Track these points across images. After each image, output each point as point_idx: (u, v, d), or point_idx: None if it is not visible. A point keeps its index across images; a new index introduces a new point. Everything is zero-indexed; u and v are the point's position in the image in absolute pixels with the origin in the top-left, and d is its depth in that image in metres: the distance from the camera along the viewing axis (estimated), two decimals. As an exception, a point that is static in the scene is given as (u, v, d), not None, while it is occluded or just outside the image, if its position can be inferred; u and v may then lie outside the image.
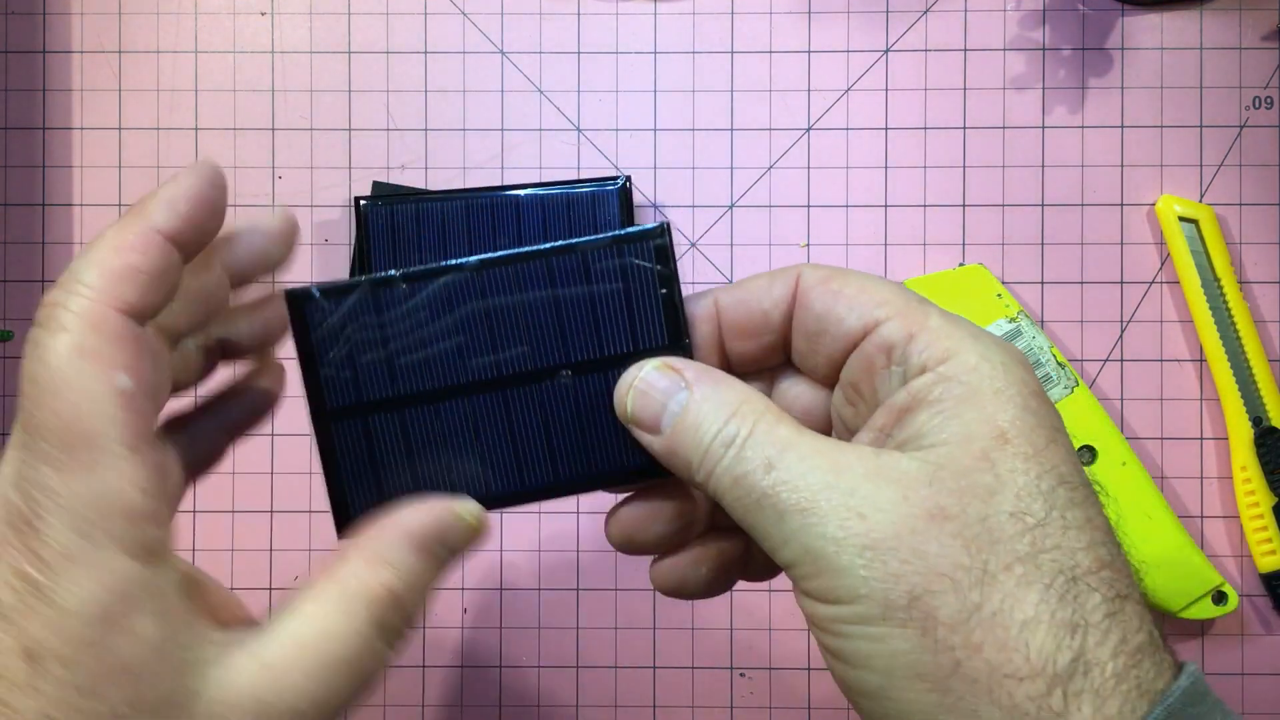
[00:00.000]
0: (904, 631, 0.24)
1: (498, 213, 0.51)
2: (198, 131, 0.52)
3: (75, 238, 0.52)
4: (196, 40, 0.52)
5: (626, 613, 0.52)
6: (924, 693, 0.24)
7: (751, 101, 0.52)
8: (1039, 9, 0.52)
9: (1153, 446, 0.52)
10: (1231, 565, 0.51)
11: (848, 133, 0.52)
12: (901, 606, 0.24)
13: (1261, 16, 0.52)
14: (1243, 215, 0.52)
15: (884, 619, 0.24)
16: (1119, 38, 0.52)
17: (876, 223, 0.52)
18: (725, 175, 0.52)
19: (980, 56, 0.52)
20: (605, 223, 0.50)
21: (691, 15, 0.52)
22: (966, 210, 0.52)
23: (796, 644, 0.52)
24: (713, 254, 0.52)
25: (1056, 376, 0.50)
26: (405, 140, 0.52)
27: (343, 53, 0.53)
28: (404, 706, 0.51)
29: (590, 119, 0.52)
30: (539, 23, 0.52)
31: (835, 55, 0.52)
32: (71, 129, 0.53)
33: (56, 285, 0.25)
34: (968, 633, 0.24)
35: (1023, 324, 0.50)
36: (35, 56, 0.53)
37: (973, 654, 0.24)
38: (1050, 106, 0.52)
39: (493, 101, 0.52)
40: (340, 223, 0.52)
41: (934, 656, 0.24)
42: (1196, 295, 0.51)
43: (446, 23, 0.52)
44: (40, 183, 0.52)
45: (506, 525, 0.52)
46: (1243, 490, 0.50)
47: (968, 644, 0.24)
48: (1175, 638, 0.51)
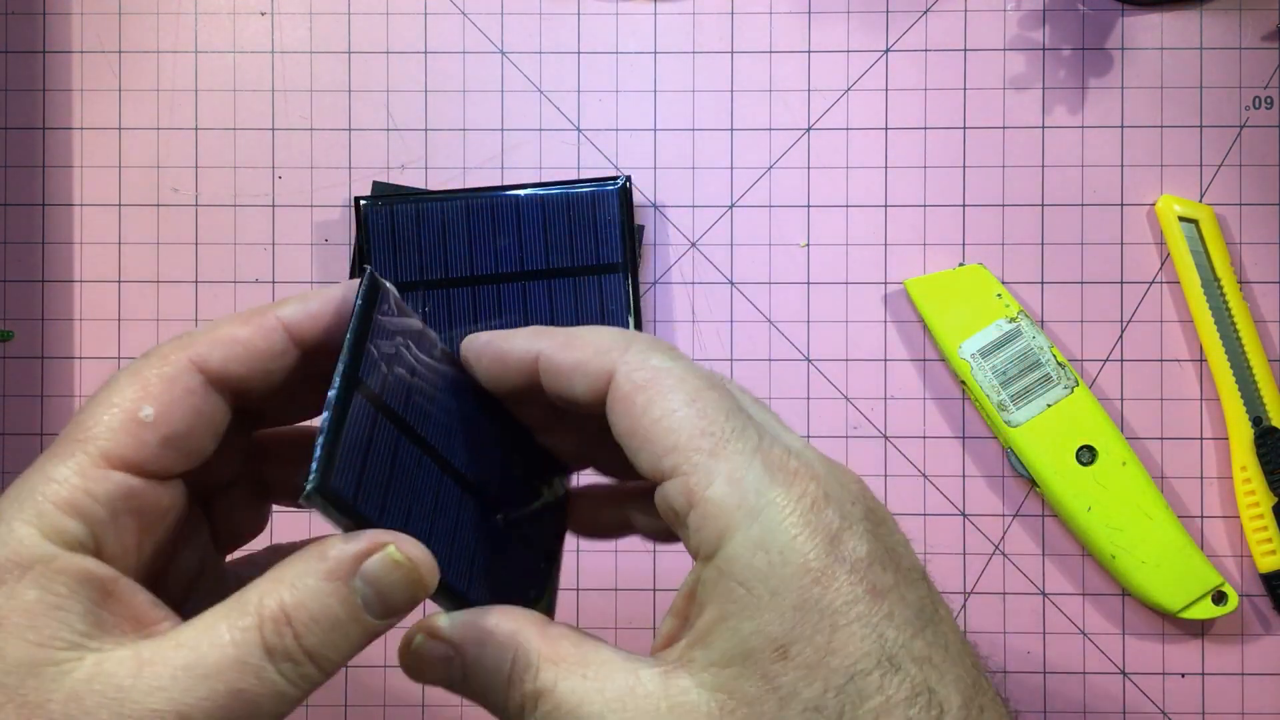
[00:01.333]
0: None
1: (498, 213, 0.51)
2: (198, 131, 0.52)
3: (75, 238, 0.52)
4: (196, 40, 0.53)
5: (626, 611, 0.52)
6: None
7: (751, 101, 0.52)
8: (1039, 9, 0.52)
9: (1153, 446, 0.52)
10: (1231, 565, 0.51)
11: (848, 133, 0.52)
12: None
13: (1261, 16, 0.52)
14: (1243, 215, 0.52)
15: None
16: (1119, 38, 0.52)
17: (876, 223, 0.52)
18: (725, 175, 0.52)
19: (980, 56, 0.52)
20: (605, 223, 0.50)
21: (691, 15, 0.52)
22: (966, 210, 0.52)
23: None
24: (713, 254, 0.52)
25: (1056, 376, 0.50)
26: (405, 140, 0.52)
27: (343, 53, 0.53)
28: (403, 706, 0.51)
29: (590, 119, 0.52)
30: (539, 23, 0.52)
31: (835, 55, 0.52)
32: (71, 129, 0.53)
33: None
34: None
35: (1023, 324, 0.50)
36: (35, 56, 0.53)
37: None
38: (1050, 106, 0.52)
39: (493, 101, 0.52)
40: (340, 223, 0.52)
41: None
42: (1196, 295, 0.51)
43: (446, 23, 0.52)
44: (40, 183, 0.52)
45: (506, 525, 0.52)
46: (1243, 490, 0.50)
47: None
48: (1175, 638, 0.51)
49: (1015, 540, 0.52)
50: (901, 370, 0.52)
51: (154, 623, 0.25)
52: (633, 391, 0.27)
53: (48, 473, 0.25)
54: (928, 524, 0.52)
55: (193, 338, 0.27)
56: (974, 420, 0.52)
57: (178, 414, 0.26)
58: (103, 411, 0.26)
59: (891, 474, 0.52)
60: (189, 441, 0.27)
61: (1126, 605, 0.51)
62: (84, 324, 0.52)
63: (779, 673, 0.25)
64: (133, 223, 0.52)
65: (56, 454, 0.26)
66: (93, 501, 0.25)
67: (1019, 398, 0.50)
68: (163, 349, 0.27)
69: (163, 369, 0.27)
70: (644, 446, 0.26)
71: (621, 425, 0.27)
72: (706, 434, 0.26)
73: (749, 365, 0.52)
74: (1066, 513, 0.50)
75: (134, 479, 0.26)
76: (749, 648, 0.25)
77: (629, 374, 0.27)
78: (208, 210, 0.52)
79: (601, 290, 0.50)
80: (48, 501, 0.25)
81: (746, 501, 0.25)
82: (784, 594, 0.25)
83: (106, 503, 0.25)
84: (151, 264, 0.52)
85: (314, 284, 0.52)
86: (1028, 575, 0.51)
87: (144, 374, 0.27)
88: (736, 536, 0.25)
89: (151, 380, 0.26)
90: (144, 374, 0.27)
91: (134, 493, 0.26)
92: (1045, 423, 0.50)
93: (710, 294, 0.52)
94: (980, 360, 0.50)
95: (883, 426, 0.52)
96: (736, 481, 0.26)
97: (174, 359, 0.27)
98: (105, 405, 0.26)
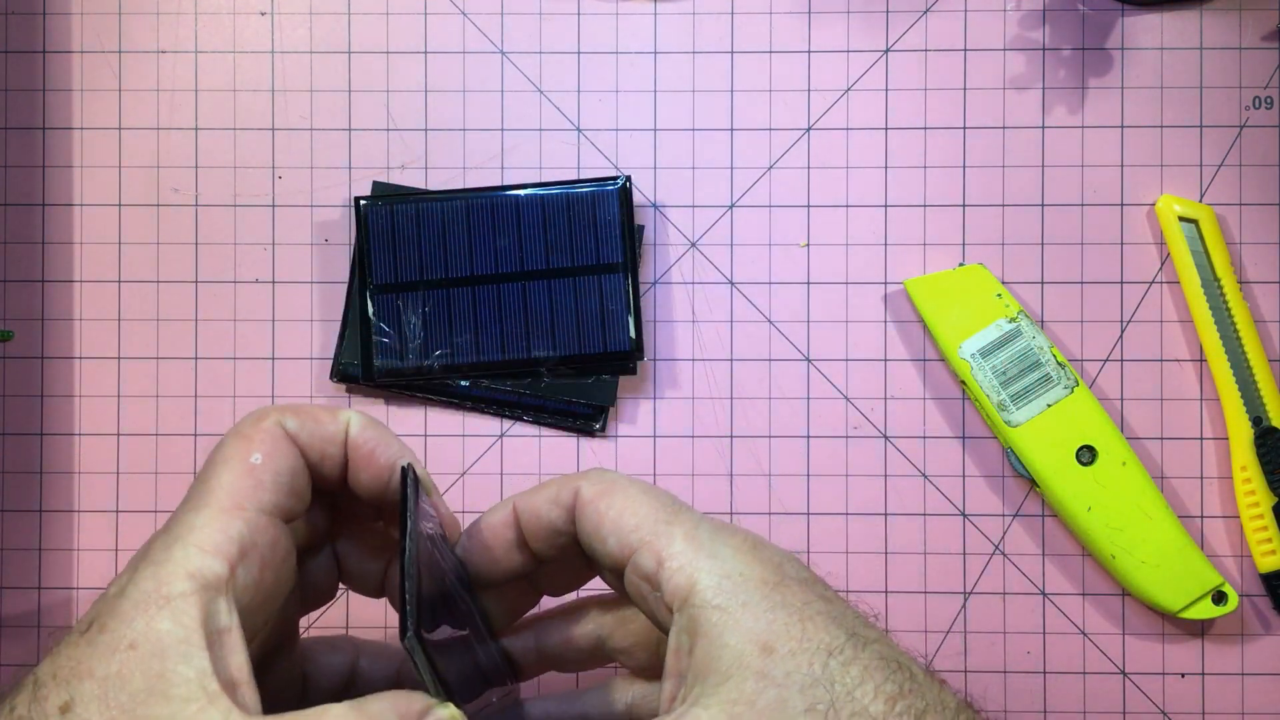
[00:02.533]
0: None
1: (498, 213, 0.51)
2: (198, 131, 0.52)
3: (75, 238, 0.52)
4: (196, 40, 0.53)
5: (626, 613, 0.52)
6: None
7: (751, 101, 0.52)
8: (1039, 9, 0.52)
9: (1153, 446, 0.52)
10: (1231, 565, 0.51)
11: (848, 133, 0.52)
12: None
13: (1261, 16, 0.52)
14: (1243, 215, 0.52)
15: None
16: (1119, 38, 0.52)
17: (876, 223, 0.52)
18: (725, 175, 0.52)
19: (980, 56, 0.52)
20: (605, 222, 0.50)
21: (691, 15, 0.52)
22: (966, 210, 0.52)
23: (796, 644, 0.52)
24: (713, 254, 0.52)
25: (1056, 376, 0.50)
26: (405, 140, 0.52)
27: (343, 53, 0.53)
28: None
29: (590, 119, 0.52)
30: (539, 23, 0.52)
31: (835, 55, 0.52)
32: (71, 129, 0.53)
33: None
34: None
35: (1023, 324, 0.50)
36: (35, 56, 0.53)
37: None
38: (1050, 106, 0.52)
39: (493, 101, 0.52)
40: (340, 223, 0.52)
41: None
42: (1196, 295, 0.51)
43: (446, 23, 0.52)
44: (40, 183, 0.52)
45: (506, 525, 0.52)
46: (1243, 490, 0.50)
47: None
48: (1175, 638, 0.51)
49: (1015, 540, 0.52)
50: (901, 370, 0.52)
51: (239, 684, 0.28)
52: (596, 496, 0.33)
53: (188, 522, 0.30)
54: (928, 524, 0.52)
55: (277, 406, 0.33)
56: (974, 420, 0.52)
57: (280, 457, 0.32)
58: (220, 465, 0.31)
59: (891, 474, 0.52)
60: (293, 481, 0.32)
61: (1126, 605, 0.51)
62: (84, 324, 0.52)
63: (770, 666, 0.29)
64: (133, 223, 0.52)
65: (192, 506, 0.30)
66: (228, 540, 0.29)
67: (1019, 398, 0.50)
68: (254, 413, 0.33)
69: (259, 424, 0.32)
70: (612, 533, 0.32)
71: (589, 525, 0.33)
72: (662, 510, 0.32)
73: (749, 365, 0.52)
74: (1066, 513, 0.50)
75: (259, 515, 0.30)
76: (739, 655, 0.29)
77: (590, 485, 0.33)
78: (208, 210, 0.52)
79: (601, 290, 0.50)
80: (192, 545, 0.29)
81: (704, 548, 0.31)
82: (754, 603, 0.30)
83: (239, 540, 0.30)
84: (151, 264, 0.52)
85: (314, 284, 0.52)
86: (1028, 575, 0.51)
87: (244, 432, 0.32)
88: (702, 575, 0.30)
89: (253, 434, 0.32)
90: (244, 432, 0.32)
91: (259, 529, 0.30)
92: (1045, 423, 0.50)
93: (710, 294, 0.52)
94: (980, 360, 0.50)
95: (883, 426, 0.52)
96: (692, 537, 0.31)
97: (266, 418, 0.32)
98: (221, 460, 0.31)
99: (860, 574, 0.52)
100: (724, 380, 0.52)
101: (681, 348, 0.52)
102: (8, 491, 0.52)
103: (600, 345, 0.50)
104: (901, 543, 0.52)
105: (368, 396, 0.52)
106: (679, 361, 0.52)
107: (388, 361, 0.50)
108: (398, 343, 0.50)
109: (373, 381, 0.50)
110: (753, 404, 0.52)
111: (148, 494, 0.52)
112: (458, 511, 0.52)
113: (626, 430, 0.52)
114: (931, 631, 0.52)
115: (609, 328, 0.50)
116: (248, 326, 0.52)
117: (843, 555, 0.52)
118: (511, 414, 0.52)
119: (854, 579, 0.52)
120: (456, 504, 0.52)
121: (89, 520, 0.52)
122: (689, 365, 0.52)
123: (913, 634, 0.52)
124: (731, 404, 0.52)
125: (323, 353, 0.52)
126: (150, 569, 0.28)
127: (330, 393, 0.52)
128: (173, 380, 0.52)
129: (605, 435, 0.52)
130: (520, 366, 0.50)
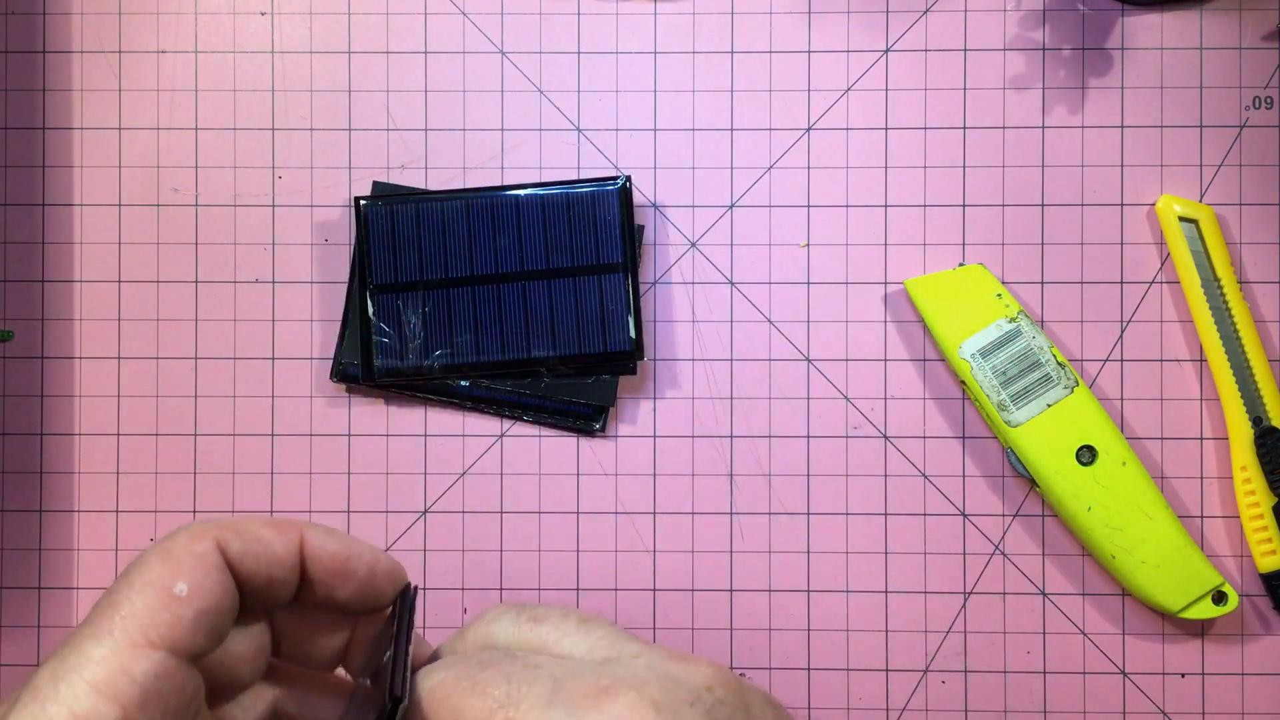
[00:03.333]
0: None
1: (498, 213, 0.51)
2: (198, 131, 0.52)
3: (75, 238, 0.52)
4: (196, 40, 0.53)
5: (626, 613, 0.52)
6: None
7: (751, 101, 0.52)
8: (1039, 9, 0.52)
9: (1153, 446, 0.52)
10: (1231, 565, 0.51)
11: (848, 133, 0.52)
12: None
13: (1261, 16, 0.52)
14: (1243, 215, 0.52)
15: None
16: (1119, 38, 0.52)
17: (876, 223, 0.52)
18: (725, 175, 0.52)
19: (980, 56, 0.52)
20: (605, 222, 0.50)
21: (691, 15, 0.52)
22: (966, 210, 0.52)
23: (796, 644, 0.52)
24: (713, 254, 0.52)
25: (1056, 376, 0.50)
26: (405, 140, 0.52)
27: (343, 53, 0.53)
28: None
29: (590, 119, 0.52)
30: (539, 23, 0.52)
31: (835, 55, 0.52)
32: (71, 129, 0.53)
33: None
34: None
35: (1023, 324, 0.50)
36: (35, 56, 0.53)
37: None
38: (1050, 106, 0.52)
39: (493, 101, 0.52)
40: (340, 223, 0.52)
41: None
42: (1196, 295, 0.51)
43: (446, 23, 0.52)
44: (40, 183, 0.52)
45: (506, 524, 0.52)
46: (1243, 490, 0.50)
47: None
48: (1175, 638, 0.51)
49: (1015, 540, 0.52)
50: (901, 370, 0.52)
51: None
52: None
53: (85, 652, 0.26)
54: (928, 524, 0.52)
55: (218, 523, 0.28)
56: (974, 420, 0.52)
57: (209, 592, 0.27)
58: (137, 590, 0.27)
59: (891, 474, 0.52)
60: (218, 619, 0.27)
61: (1126, 605, 0.51)
62: (84, 324, 0.52)
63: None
64: (133, 223, 0.52)
65: (92, 633, 0.26)
66: (129, 682, 0.25)
67: (1019, 398, 0.50)
68: (190, 529, 0.28)
69: (192, 547, 0.27)
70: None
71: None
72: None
73: (749, 365, 0.52)
74: (1066, 513, 0.50)
75: (169, 658, 0.26)
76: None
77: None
78: (208, 210, 0.52)
79: (601, 290, 0.50)
80: (83, 683, 0.25)
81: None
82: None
83: (141, 683, 0.26)
84: (151, 264, 0.52)
85: (314, 284, 0.52)
86: (1028, 575, 0.52)
87: (174, 553, 0.27)
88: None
89: (184, 559, 0.27)
90: (174, 553, 0.27)
91: (166, 673, 0.26)
92: (1045, 423, 0.50)
93: (710, 294, 0.52)
94: (980, 360, 0.50)
95: (883, 426, 0.52)
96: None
97: (202, 541, 0.27)
98: (140, 583, 0.27)
99: (860, 574, 0.52)
100: (724, 380, 0.52)
101: (681, 348, 0.52)
102: (8, 491, 0.52)
103: (600, 345, 0.50)
104: (901, 543, 0.52)
105: (368, 396, 0.52)
106: (679, 361, 0.52)
107: (388, 361, 0.50)
108: (398, 343, 0.50)
109: (373, 381, 0.50)
110: (753, 404, 0.52)
111: (148, 494, 0.52)
112: (457, 511, 0.52)
113: (626, 430, 0.52)
114: (931, 631, 0.52)
115: (609, 328, 0.50)
116: (248, 326, 0.52)
117: (843, 555, 0.52)
118: (511, 414, 0.52)
119: (854, 579, 0.52)
120: (456, 504, 0.52)
121: (89, 520, 0.52)
122: (689, 365, 0.52)
123: (913, 634, 0.52)
124: (731, 404, 0.52)
125: (323, 353, 0.52)
126: (33, 705, 0.25)
127: (330, 392, 0.52)
128: (173, 380, 0.52)
129: (605, 435, 0.52)
130: (520, 366, 0.50)
